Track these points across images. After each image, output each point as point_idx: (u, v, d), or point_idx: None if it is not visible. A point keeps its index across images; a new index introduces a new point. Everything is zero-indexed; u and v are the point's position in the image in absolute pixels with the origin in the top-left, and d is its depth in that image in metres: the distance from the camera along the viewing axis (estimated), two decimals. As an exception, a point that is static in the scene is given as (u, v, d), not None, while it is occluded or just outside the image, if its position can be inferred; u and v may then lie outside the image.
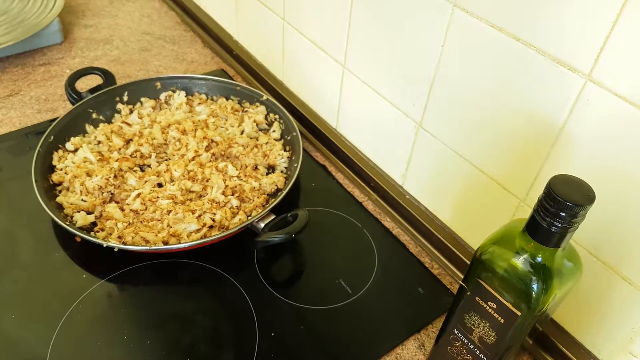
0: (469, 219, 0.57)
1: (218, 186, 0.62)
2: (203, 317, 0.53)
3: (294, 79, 0.77)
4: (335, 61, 0.65)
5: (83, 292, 0.54)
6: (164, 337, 0.51)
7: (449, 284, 0.59)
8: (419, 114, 0.56)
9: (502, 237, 0.39)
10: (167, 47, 0.92)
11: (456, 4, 0.47)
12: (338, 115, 0.70)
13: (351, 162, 0.70)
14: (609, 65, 0.38)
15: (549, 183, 0.33)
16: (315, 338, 0.52)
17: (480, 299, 0.40)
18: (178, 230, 0.57)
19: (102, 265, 0.56)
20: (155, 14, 1.01)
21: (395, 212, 0.65)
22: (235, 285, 0.56)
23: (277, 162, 0.68)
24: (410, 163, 0.61)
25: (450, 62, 0.50)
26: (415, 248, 0.63)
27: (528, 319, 0.38)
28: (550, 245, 0.35)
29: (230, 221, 0.59)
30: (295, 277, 0.59)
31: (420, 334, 0.54)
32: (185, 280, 0.57)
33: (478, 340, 0.42)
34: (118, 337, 0.50)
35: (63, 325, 0.51)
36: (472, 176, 0.53)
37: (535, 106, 0.44)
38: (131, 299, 0.54)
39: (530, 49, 0.42)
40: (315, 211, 0.64)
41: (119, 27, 0.96)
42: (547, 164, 0.45)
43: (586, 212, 0.33)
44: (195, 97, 0.76)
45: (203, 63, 0.90)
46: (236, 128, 0.72)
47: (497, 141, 0.49)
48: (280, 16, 0.72)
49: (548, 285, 0.36)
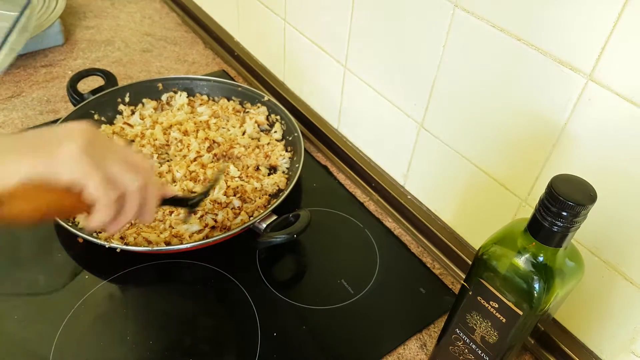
0: (471, 219, 0.57)
1: (220, 187, 0.62)
2: (205, 317, 0.53)
3: (295, 80, 0.77)
4: (337, 61, 0.66)
5: (86, 293, 0.54)
6: (166, 337, 0.51)
7: (451, 283, 0.59)
8: (420, 114, 0.57)
9: (504, 237, 0.39)
10: (169, 48, 0.93)
11: (457, 4, 0.47)
12: (339, 116, 0.71)
13: (352, 163, 0.70)
14: (610, 64, 0.38)
15: (551, 183, 0.34)
16: (317, 338, 0.52)
17: (482, 298, 0.40)
18: (180, 230, 0.57)
19: (105, 266, 0.56)
20: (156, 15, 1.01)
21: (397, 212, 0.65)
22: (238, 285, 0.56)
23: (279, 163, 0.68)
24: (412, 163, 0.61)
25: (452, 62, 0.50)
26: (417, 248, 0.63)
27: (530, 318, 0.38)
28: (552, 245, 0.35)
29: (232, 222, 0.59)
30: (297, 278, 0.59)
31: (422, 333, 0.54)
32: (187, 280, 0.57)
33: (480, 339, 0.42)
34: (121, 337, 0.51)
35: (66, 325, 0.51)
36: (473, 176, 0.53)
37: (537, 106, 0.44)
38: (133, 299, 0.54)
39: (532, 49, 0.42)
40: (316, 211, 0.65)
41: (120, 28, 0.96)
42: (549, 164, 0.45)
43: (588, 212, 0.33)
44: (197, 98, 0.77)
45: (204, 64, 0.90)
46: (238, 129, 0.72)
47: (498, 141, 0.49)
48: (281, 17, 0.72)
49: (550, 284, 0.36)
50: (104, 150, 0.40)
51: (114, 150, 0.41)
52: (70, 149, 0.37)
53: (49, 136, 0.38)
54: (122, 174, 0.40)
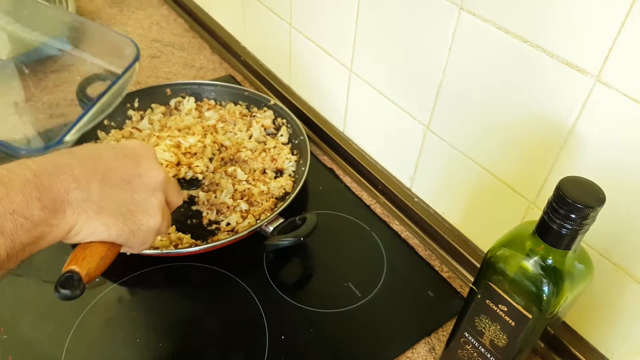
0: (479, 222, 0.57)
1: (227, 190, 0.63)
2: (213, 320, 0.53)
3: (301, 84, 0.77)
4: (342, 65, 0.66)
5: (96, 296, 0.54)
6: (175, 339, 0.51)
7: (459, 287, 0.59)
8: (426, 116, 0.57)
9: (513, 240, 0.39)
10: (176, 54, 0.93)
11: (462, 6, 0.47)
12: (345, 119, 0.71)
13: (359, 165, 0.70)
14: (617, 66, 0.38)
15: (559, 185, 0.33)
16: (325, 342, 0.52)
17: (491, 301, 0.40)
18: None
19: (114, 269, 0.57)
20: (164, 22, 1.02)
21: (404, 215, 0.65)
22: (245, 288, 0.56)
23: (285, 166, 0.68)
24: (418, 165, 0.61)
25: (458, 65, 0.50)
26: (425, 251, 0.63)
27: (539, 321, 0.38)
28: (561, 248, 0.35)
29: (240, 225, 0.60)
30: (304, 281, 0.59)
31: (430, 337, 0.54)
32: (195, 283, 0.57)
33: (489, 343, 0.42)
34: (130, 340, 0.51)
35: (77, 328, 0.51)
36: (481, 178, 0.53)
37: (544, 108, 0.44)
38: (143, 302, 0.55)
39: (538, 51, 0.42)
40: (323, 214, 0.65)
41: (129, 34, 0.97)
42: (557, 166, 0.45)
43: (597, 214, 0.33)
44: (204, 103, 0.77)
45: (211, 69, 0.91)
46: (244, 133, 0.72)
47: (505, 143, 0.49)
48: (287, 22, 0.73)
49: (559, 287, 0.36)
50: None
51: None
52: (153, 225, 0.40)
53: (139, 199, 0.39)
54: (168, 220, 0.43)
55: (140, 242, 0.40)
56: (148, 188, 0.40)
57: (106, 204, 0.37)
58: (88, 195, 0.36)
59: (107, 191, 0.37)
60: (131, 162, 0.40)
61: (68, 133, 0.46)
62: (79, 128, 0.47)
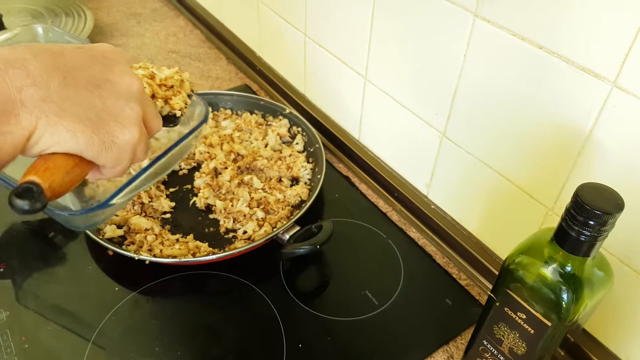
0: (497, 229, 0.57)
1: (244, 199, 0.63)
2: (231, 327, 0.54)
3: (316, 92, 0.78)
4: (357, 73, 0.66)
5: (116, 304, 0.55)
6: (194, 347, 0.52)
7: (478, 294, 0.58)
8: (442, 123, 0.57)
9: (531, 247, 0.38)
10: (193, 65, 0.95)
11: (477, 14, 0.47)
12: (360, 127, 0.71)
13: (374, 173, 0.70)
14: (634, 71, 0.37)
15: (577, 191, 0.33)
16: (342, 350, 0.52)
17: (510, 309, 0.39)
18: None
19: (134, 278, 0.58)
20: (180, 33, 1.04)
21: (421, 222, 0.65)
22: (262, 296, 0.57)
23: (301, 174, 0.69)
24: (435, 172, 0.61)
25: (473, 72, 0.50)
26: (442, 259, 0.62)
27: (559, 329, 0.37)
28: (580, 255, 0.35)
29: (256, 233, 0.60)
30: (321, 289, 0.59)
31: (449, 345, 0.53)
32: (213, 291, 0.58)
33: (508, 351, 0.41)
34: (150, 348, 0.52)
35: (97, 336, 0.52)
36: (498, 185, 0.53)
37: (561, 114, 0.44)
38: (162, 310, 0.56)
39: (554, 57, 0.42)
40: (339, 222, 0.65)
41: (146, 46, 0.99)
42: (575, 172, 0.44)
43: (615, 220, 0.33)
44: (221, 112, 0.78)
45: (227, 79, 0.92)
46: (260, 141, 0.73)
47: (522, 149, 0.49)
48: (301, 31, 0.74)
49: (578, 295, 0.36)
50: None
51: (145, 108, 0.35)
52: (128, 140, 0.32)
53: (111, 106, 0.32)
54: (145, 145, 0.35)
55: (113, 160, 0.33)
56: (121, 96, 0.33)
57: (71, 106, 0.30)
58: (46, 94, 0.29)
59: (71, 92, 0.30)
60: (100, 64, 0.33)
61: (117, 195, 0.37)
62: (131, 190, 0.38)
